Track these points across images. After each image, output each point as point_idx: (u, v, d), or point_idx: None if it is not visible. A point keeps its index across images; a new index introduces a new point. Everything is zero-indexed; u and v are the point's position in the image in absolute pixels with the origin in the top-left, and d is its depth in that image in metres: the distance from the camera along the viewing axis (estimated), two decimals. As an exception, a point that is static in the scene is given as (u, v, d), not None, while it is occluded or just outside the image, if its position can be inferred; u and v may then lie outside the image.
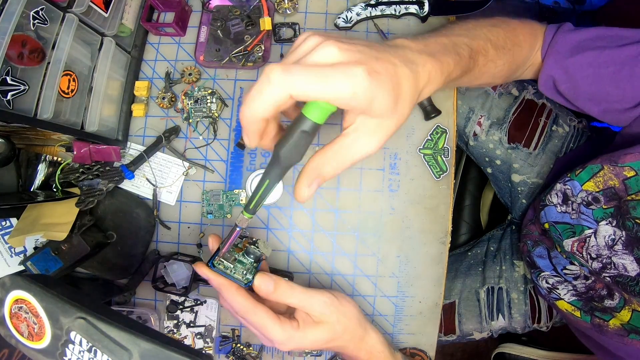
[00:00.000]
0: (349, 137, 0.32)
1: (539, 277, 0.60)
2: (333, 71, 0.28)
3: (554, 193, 0.52)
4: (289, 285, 0.40)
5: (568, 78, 0.48)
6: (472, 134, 0.68)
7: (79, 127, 0.48)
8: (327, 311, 0.41)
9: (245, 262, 0.41)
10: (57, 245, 0.48)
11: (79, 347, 0.29)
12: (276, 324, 0.39)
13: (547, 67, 0.49)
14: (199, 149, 0.56)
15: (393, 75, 0.30)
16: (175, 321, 0.55)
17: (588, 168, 0.48)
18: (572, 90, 0.49)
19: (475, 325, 0.72)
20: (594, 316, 0.53)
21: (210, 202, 0.55)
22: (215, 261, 0.40)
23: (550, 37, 0.49)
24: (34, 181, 0.54)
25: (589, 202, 0.47)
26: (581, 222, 0.48)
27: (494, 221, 0.88)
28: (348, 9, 0.56)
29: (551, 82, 0.50)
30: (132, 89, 0.56)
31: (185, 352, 0.28)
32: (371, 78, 0.28)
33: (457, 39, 0.40)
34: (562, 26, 0.49)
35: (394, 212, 0.55)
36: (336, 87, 0.28)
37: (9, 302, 0.31)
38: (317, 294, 0.41)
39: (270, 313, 0.39)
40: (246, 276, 0.40)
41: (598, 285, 0.52)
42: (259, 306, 0.39)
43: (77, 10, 0.44)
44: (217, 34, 0.57)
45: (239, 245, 0.43)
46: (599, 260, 0.47)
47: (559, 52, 0.48)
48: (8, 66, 0.38)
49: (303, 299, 0.40)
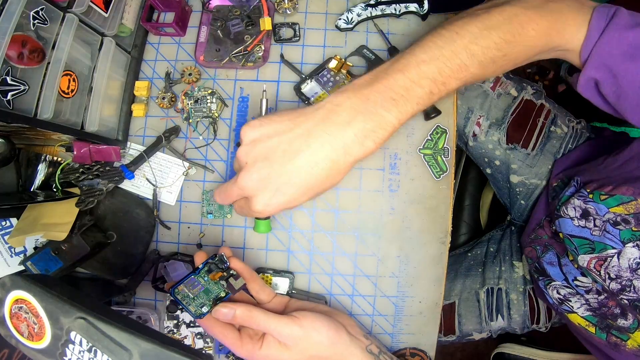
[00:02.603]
0: None
1: (549, 286, 0.59)
2: (247, 206, 0.43)
3: (570, 207, 0.50)
4: (253, 315, 0.43)
5: (616, 82, 0.41)
6: (471, 134, 0.68)
7: (79, 127, 0.48)
8: (292, 342, 0.43)
9: (211, 292, 0.44)
10: (57, 245, 0.48)
11: (79, 347, 0.29)
12: (235, 344, 0.43)
13: (592, 68, 0.42)
14: (199, 149, 0.56)
15: (299, 184, 0.40)
16: (175, 321, 0.55)
17: (617, 197, 0.45)
18: (617, 96, 0.42)
19: (475, 325, 0.72)
20: (611, 334, 0.51)
21: (211, 202, 0.55)
22: (177, 289, 0.43)
23: (599, 31, 0.39)
24: (34, 181, 0.54)
25: (617, 222, 0.45)
26: (605, 240, 0.46)
27: (493, 221, 0.88)
28: (348, 10, 0.56)
29: (593, 83, 0.44)
30: (132, 89, 0.56)
31: (185, 352, 0.28)
32: (265, 202, 0.41)
33: (418, 71, 0.38)
34: (616, 17, 0.39)
35: (394, 212, 0.55)
36: (251, 213, 0.43)
37: (9, 302, 0.31)
38: (286, 326, 0.43)
39: (233, 334, 0.43)
40: (201, 309, 0.43)
41: (611, 303, 0.51)
42: (225, 328, 0.43)
43: (77, 10, 0.44)
44: (217, 34, 0.57)
45: (214, 272, 0.45)
46: (618, 281, 0.45)
47: (610, 54, 0.40)
48: (8, 66, 0.39)
49: (270, 328, 0.43)
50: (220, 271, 0.45)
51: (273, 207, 0.40)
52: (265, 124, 0.41)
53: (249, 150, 0.40)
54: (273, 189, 0.40)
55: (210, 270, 0.45)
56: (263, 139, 0.40)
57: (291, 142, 0.39)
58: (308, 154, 0.39)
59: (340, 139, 0.38)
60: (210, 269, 0.45)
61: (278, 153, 0.39)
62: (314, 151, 0.39)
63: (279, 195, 0.40)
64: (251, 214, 0.42)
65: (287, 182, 0.39)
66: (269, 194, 0.40)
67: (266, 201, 0.40)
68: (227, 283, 0.45)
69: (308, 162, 0.39)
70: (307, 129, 0.39)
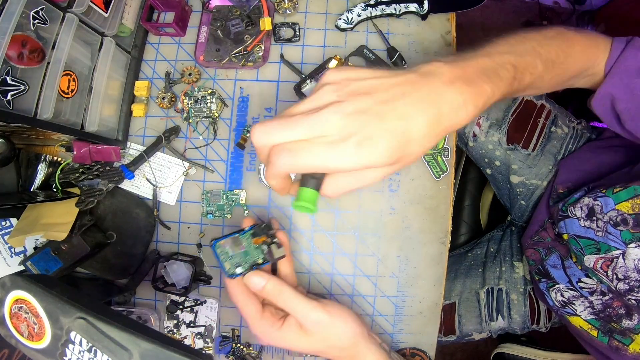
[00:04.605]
0: None
1: (552, 288, 0.59)
2: (334, 150, 0.30)
3: (578, 206, 0.51)
4: (283, 291, 0.41)
5: (632, 98, 0.44)
6: (471, 134, 0.68)
7: (79, 127, 0.48)
8: (315, 329, 0.42)
9: (250, 256, 0.43)
10: (57, 245, 0.48)
11: (79, 347, 0.29)
12: (255, 317, 0.41)
13: (610, 84, 0.45)
14: (199, 149, 0.56)
15: (397, 134, 0.30)
16: (175, 321, 0.55)
17: (631, 188, 0.46)
18: (633, 111, 0.45)
19: (475, 325, 0.72)
20: (613, 338, 0.52)
21: (210, 202, 0.55)
22: (219, 243, 0.42)
23: (619, 51, 0.44)
24: (34, 181, 0.54)
25: (617, 223, 0.46)
26: (608, 241, 0.46)
27: (493, 221, 0.88)
28: (348, 10, 0.56)
29: (609, 99, 0.46)
30: (132, 89, 0.56)
31: (185, 352, 0.28)
32: (368, 149, 0.30)
33: (501, 57, 0.37)
34: (633, 41, 0.44)
35: (394, 212, 0.55)
36: (340, 163, 0.30)
37: (9, 302, 0.31)
38: (314, 310, 0.42)
39: (255, 306, 0.41)
40: (235, 269, 0.42)
41: (616, 303, 0.51)
42: (248, 298, 0.41)
43: (77, 10, 0.44)
44: (217, 34, 0.57)
45: (259, 236, 0.44)
46: (626, 282, 0.46)
47: (627, 71, 0.43)
48: (8, 66, 0.38)
49: (297, 310, 0.42)
50: (265, 236, 0.44)
51: (383, 154, 0.30)
52: (353, 68, 0.33)
53: (339, 88, 0.31)
54: (386, 130, 0.30)
55: (256, 234, 0.44)
56: (359, 79, 0.32)
57: (402, 86, 0.32)
58: (424, 103, 0.31)
59: (446, 99, 0.32)
60: (256, 233, 0.44)
61: (387, 94, 0.31)
62: (428, 104, 0.31)
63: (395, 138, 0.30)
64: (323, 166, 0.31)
65: (406, 127, 0.30)
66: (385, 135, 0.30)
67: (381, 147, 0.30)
68: (268, 249, 0.44)
69: (426, 110, 0.31)
70: (410, 80, 0.32)
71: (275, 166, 0.31)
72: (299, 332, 0.42)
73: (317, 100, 0.32)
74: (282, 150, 0.31)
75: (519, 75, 0.37)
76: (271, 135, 0.31)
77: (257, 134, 0.32)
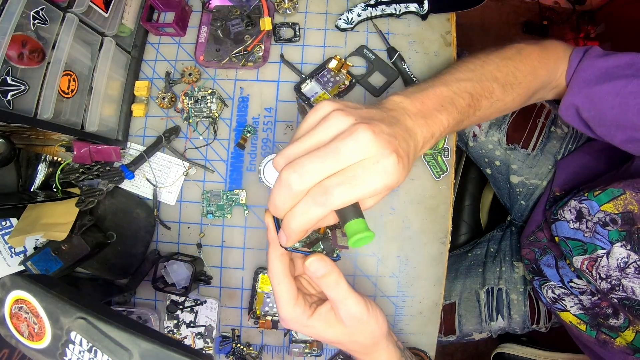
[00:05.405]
0: None
1: (544, 286, 0.60)
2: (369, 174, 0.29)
3: (567, 209, 0.51)
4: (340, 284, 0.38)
5: (592, 106, 0.46)
6: (471, 134, 0.68)
7: (79, 127, 0.48)
8: (350, 322, 0.40)
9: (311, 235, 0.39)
10: (57, 245, 0.48)
11: (79, 347, 0.29)
12: (288, 302, 0.38)
13: (571, 94, 0.47)
14: (199, 149, 0.56)
15: (408, 154, 0.32)
16: (175, 321, 0.55)
17: (609, 191, 0.47)
18: (596, 118, 0.47)
19: (475, 325, 0.72)
20: (600, 332, 0.53)
21: (210, 202, 0.55)
22: None
23: (577, 62, 0.47)
24: (34, 181, 0.54)
25: (606, 223, 0.46)
26: (595, 241, 0.47)
27: (493, 221, 0.88)
28: (348, 10, 0.56)
29: (574, 109, 0.48)
30: (132, 89, 0.56)
31: (185, 352, 0.28)
32: (400, 167, 0.30)
33: (459, 85, 0.39)
34: (590, 51, 0.47)
35: (394, 212, 0.55)
36: (371, 188, 0.29)
37: (9, 302, 0.31)
38: (357, 304, 0.39)
39: (291, 290, 0.38)
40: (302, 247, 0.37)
41: (604, 303, 0.52)
42: (286, 278, 0.38)
43: (77, 10, 0.44)
44: (217, 34, 0.57)
45: None
46: (608, 281, 0.46)
47: (585, 80, 0.46)
48: (8, 66, 0.39)
49: (345, 302, 0.39)
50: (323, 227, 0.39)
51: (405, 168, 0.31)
52: (346, 103, 0.34)
53: (349, 112, 0.31)
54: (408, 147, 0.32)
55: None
56: (355, 107, 0.33)
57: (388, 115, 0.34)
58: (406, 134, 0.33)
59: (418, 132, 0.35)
60: None
61: (386, 119, 0.32)
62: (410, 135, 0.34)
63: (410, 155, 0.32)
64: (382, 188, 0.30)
65: (416, 147, 0.34)
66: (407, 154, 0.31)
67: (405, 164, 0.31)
68: (331, 232, 0.38)
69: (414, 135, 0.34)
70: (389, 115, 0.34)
71: (327, 203, 0.29)
72: (330, 322, 0.40)
73: (333, 127, 0.30)
74: (336, 185, 0.29)
75: (474, 103, 0.40)
76: (313, 174, 0.29)
77: (296, 180, 0.29)
